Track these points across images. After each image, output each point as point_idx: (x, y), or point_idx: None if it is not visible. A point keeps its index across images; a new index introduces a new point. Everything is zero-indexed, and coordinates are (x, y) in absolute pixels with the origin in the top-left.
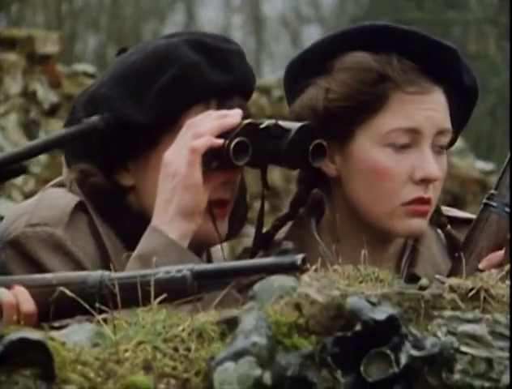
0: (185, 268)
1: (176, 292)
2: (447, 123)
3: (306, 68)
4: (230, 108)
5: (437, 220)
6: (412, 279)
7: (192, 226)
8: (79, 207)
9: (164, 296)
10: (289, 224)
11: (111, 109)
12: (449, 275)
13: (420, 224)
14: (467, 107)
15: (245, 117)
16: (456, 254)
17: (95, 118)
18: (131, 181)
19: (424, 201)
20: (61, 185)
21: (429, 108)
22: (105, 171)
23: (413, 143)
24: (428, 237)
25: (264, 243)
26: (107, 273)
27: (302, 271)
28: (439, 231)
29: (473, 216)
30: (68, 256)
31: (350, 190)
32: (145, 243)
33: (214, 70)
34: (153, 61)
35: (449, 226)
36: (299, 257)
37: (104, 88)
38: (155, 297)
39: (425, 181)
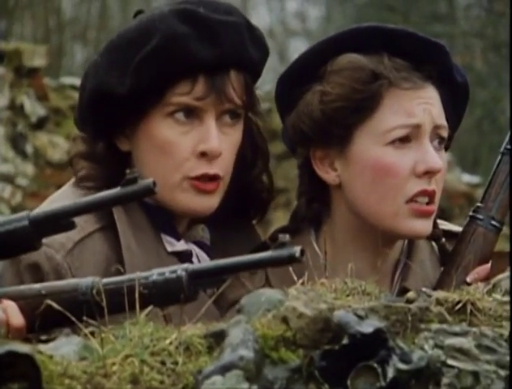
0: (180, 268)
1: (172, 293)
2: (443, 119)
3: (298, 78)
4: (221, 84)
5: (432, 232)
6: (403, 292)
7: None
8: (97, 233)
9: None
10: None
11: (96, 76)
12: (436, 289)
13: (425, 225)
14: (460, 104)
15: (245, 95)
16: (443, 268)
17: (148, 181)
18: (127, 146)
19: (429, 193)
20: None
21: (426, 102)
22: (101, 136)
23: (413, 138)
24: (422, 250)
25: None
26: (98, 279)
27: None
28: (433, 244)
29: None
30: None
31: (353, 195)
32: None
33: (199, 44)
34: (140, 31)
35: (443, 239)
36: (297, 249)
37: (98, 55)
38: (152, 299)
39: (428, 174)
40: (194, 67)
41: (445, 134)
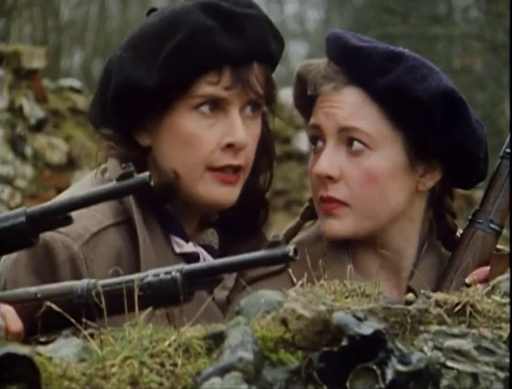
0: (174, 269)
1: (167, 294)
2: (350, 121)
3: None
4: (246, 75)
5: (448, 238)
6: (409, 291)
7: None
8: (112, 228)
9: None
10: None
11: (122, 71)
12: (435, 290)
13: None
14: (405, 113)
15: (266, 86)
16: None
17: (144, 175)
18: (148, 141)
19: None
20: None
21: (331, 106)
22: (124, 132)
23: (321, 139)
24: (435, 255)
25: None
26: (93, 281)
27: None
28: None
29: None
30: (73, 272)
31: None
32: None
33: (225, 36)
34: (165, 25)
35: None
36: (290, 247)
37: (121, 51)
38: (147, 300)
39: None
40: (221, 59)
41: (357, 136)
